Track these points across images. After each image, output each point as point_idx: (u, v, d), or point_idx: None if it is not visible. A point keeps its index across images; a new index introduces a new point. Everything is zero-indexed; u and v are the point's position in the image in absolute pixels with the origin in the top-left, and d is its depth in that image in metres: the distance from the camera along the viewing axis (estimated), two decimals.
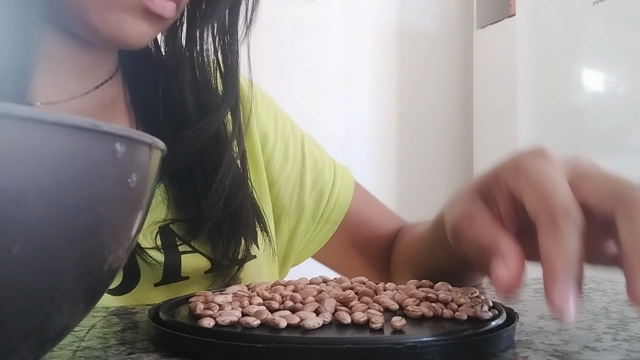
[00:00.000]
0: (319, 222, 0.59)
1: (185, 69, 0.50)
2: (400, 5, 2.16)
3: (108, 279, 0.21)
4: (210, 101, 0.51)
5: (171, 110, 0.50)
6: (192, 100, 0.50)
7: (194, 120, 0.49)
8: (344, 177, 0.61)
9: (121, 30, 0.41)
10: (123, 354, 0.27)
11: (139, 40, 0.43)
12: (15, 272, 0.16)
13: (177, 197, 0.48)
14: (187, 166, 0.48)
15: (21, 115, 0.15)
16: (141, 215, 0.21)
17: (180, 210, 0.48)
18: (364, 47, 2.10)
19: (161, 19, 0.43)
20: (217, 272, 0.47)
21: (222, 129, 0.51)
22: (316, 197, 0.58)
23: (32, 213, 0.16)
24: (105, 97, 0.49)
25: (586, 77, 1.64)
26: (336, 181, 0.60)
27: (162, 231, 0.46)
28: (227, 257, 0.48)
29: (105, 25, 0.41)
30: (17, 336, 0.18)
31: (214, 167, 0.49)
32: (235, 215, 0.49)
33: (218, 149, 0.49)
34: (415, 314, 0.29)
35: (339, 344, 0.24)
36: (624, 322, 0.34)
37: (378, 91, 2.12)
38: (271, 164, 0.57)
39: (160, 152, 0.22)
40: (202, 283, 0.46)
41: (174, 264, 0.45)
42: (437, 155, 2.21)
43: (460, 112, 2.23)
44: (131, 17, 0.41)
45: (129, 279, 0.44)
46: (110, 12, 0.40)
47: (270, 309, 0.29)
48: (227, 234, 0.48)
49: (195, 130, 0.47)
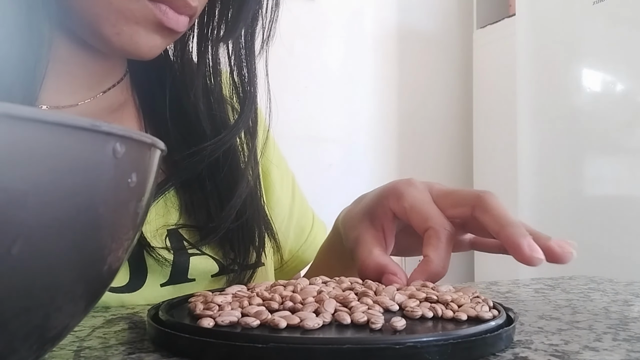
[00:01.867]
0: (293, 258, 0.61)
1: (197, 79, 0.50)
2: (400, 5, 2.16)
3: (108, 279, 0.21)
4: (225, 118, 0.51)
5: (183, 121, 0.50)
6: (205, 113, 0.50)
7: (208, 135, 0.49)
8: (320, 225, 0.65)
9: (134, 43, 0.42)
10: (123, 354, 0.27)
11: (150, 53, 0.43)
12: (15, 272, 0.16)
13: (188, 204, 0.48)
14: (200, 176, 0.48)
15: (21, 115, 0.15)
16: (141, 216, 0.21)
17: (191, 216, 0.48)
18: (364, 47, 2.10)
19: (173, 32, 0.43)
20: (227, 275, 0.48)
21: (238, 144, 0.51)
22: (298, 232, 0.62)
23: (32, 213, 0.16)
24: (114, 102, 0.49)
25: (586, 77, 1.64)
26: (315, 225, 0.64)
27: (171, 235, 0.46)
28: (237, 263, 0.48)
29: (118, 37, 0.41)
30: (17, 336, 0.18)
31: (229, 182, 0.49)
32: (246, 225, 0.49)
33: (233, 164, 0.50)
34: (415, 314, 0.29)
35: (339, 344, 0.24)
36: (624, 322, 0.34)
37: (378, 91, 2.12)
38: (272, 188, 0.59)
39: (160, 152, 0.22)
40: (208, 286, 0.47)
41: (182, 265, 0.46)
42: (437, 155, 2.21)
43: (460, 112, 2.23)
44: (144, 30, 0.41)
45: (136, 277, 0.44)
46: (123, 24, 0.41)
47: (270, 309, 0.29)
48: (237, 242, 0.49)
49: (209, 146, 0.48)
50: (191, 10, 0.43)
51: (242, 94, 0.51)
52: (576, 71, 1.65)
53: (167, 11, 0.41)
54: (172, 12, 0.42)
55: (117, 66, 0.50)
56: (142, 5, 0.40)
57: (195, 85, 0.49)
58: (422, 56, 2.19)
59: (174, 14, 0.42)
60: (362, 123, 2.08)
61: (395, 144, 2.14)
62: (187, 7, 0.42)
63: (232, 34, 0.49)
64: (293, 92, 1.89)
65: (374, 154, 2.10)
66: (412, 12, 2.18)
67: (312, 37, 1.97)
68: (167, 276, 0.45)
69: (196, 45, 0.51)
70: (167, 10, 0.41)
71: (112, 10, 0.40)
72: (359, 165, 2.07)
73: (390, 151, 2.13)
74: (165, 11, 0.41)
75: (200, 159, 0.47)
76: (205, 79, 0.51)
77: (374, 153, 2.10)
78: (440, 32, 2.23)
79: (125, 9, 0.40)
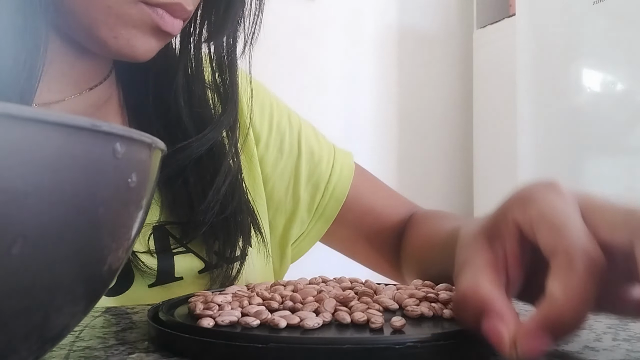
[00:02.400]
0: (314, 216, 0.59)
1: (178, 75, 0.50)
2: (400, 5, 2.16)
3: (108, 279, 0.21)
4: (207, 114, 0.51)
5: (166, 117, 0.50)
6: (187, 109, 0.50)
7: (190, 132, 0.49)
8: (343, 167, 0.60)
9: (130, 46, 0.42)
10: (123, 354, 0.27)
11: (146, 55, 0.44)
12: (15, 272, 0.16)
13: (170, 200, 0.48)
14: (182, 172, 0.48)
15: (21, 115, 0.15)
16: (141, 215, 0.21)
17: (173, 213, 0.48)
18: (364, 47, 2.10)
19: (168, 35, 0.44)
20: (211, 271, 0.48)
21: (220, 140, 0.51)
22: (311, 190, 0.58)
23: (32, 213, 0.16)
24: (99, 98, 0.50)
25: (586, 77, 1.64)
26: (333, 173, 0.59)
27: (155, 232, 0.46)
28: (222, 258, 0.48)
29: (115, 40, 0.42)
30: (17, 336, 0.18)
31: (210, 175, 0.49)
32: (231, 219, 0.49)
33: (215, 157, 0.50)
34: (415, 314, 0.29)
35: (339, 344, 0.24)
36: (624, 322, 0.34)
37: (378, 91, 2.12)
38: (265, 158, 0.57)
39: (161, 152, 0.22)
40: (196, 282, 0.47)
41: (167, 268, 0.46)
42: (437, 155, 2.21)
43: (460, 112, 2.23)
44: (141, 34, 0.42)
45: (122, 280, 0.44)
46: (121, 28, 0.41)
47: (269, 309, 0.29)
48: (221, 236, 0.49)
49: (191, 143, 0.48)
50: (187, 14, 0.43)
51: (224, 94, 0.51)
52: (576, 71, 1.65)
53: (164, 15, 0.42)
54: (168, 16, 0.42)
55: (104, 64, 0.50)
56: (140, 10, 0.41)
57: (176, 81, 0.50)
58: (422, 56, 2.19)
59: (170, 18, 0.42)
60: (362, 123, 2.08)
61: (395, 143, 2.14)
62: (183, 11, 0.43)
63: (216, 36, 0.50)
64: (293, 92, 1.89)
65: (374, 154, 2.10)
66: (412, 12, 2.18)
67: (312, 37, 1.97)
68: (153, 278, 0.45)
69: (179, 44, 0.51)
70: (164, 15, 0.42)
71: (111, 14, 0.40)
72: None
73: (390, 151, 2.13)
74: (162, 15, 0.42)
75: (185, 156, 0.47)
76: (186, 75, 0.51)
77: (374, 153, 2.10)
78: (440, 32, 2.23)
79: (124, 13, 0.41)
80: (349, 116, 2.06)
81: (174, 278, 0.46)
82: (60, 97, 0.47)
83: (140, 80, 0.51)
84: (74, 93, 0.48)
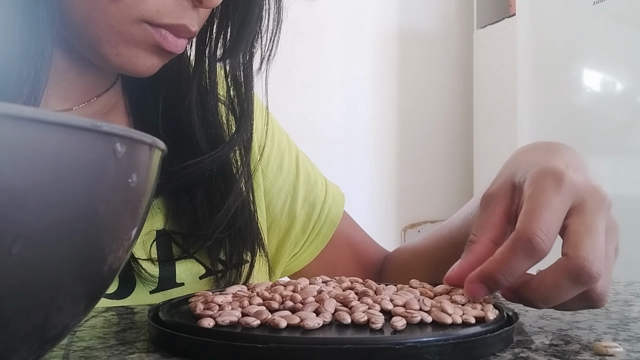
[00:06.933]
0: (310, 235, 0.59)
1: (192, 90, 0.50)
2: (400, 5, 2.16)
3: (108, 279, 0.21)
4: (219, 131, 0.51)
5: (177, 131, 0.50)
6: (199, 125, 0.49)
7: (201, 147, 0.49)
8: (335, 194, 0.61)
9: (132, 63, 0.42)
10: (123, 354, 0.27)
11: (148, 72, 0.43)
12: (15, 272, 0.16)
13: (175, 211, 0.48)
14: (189, 185, 0.48)
15: (21, 115, 0.15)
16: (142, 216, 0.21)
17: (176, 222, 0.48)
18: (364, 47, 2.09)
19: (172, 54, 0.43)
20: (213, 277, 0.48)
21: (232, 156, 0.51)
22: (308, 209, 0.59)
23: (32, 213, 0.16)
24: (105, 105, 0.50)
25: (586, 77, 1.64)
26: (327, 196, 0.60)
27: (158, 240, 0.47)
28: (225, 265, 0.48)
29: (117, 57, 0.41)
30: (17, 336, 0.18)
31: (220, 191, 0.49)
32: (236, 236, 0.49)
33: (225, 175, 0.50)
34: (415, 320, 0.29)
35: (339, 344, 0.24)
36: (624, 322, 0.34)
37: (378, 91, 2.11)
38: (266, 171, 0.57)
39: (161, 152, 0.22)
40: (197, 288, 0.47)
41: (169, 275, 0.46)
42: (437, 155, 2.21)
43: (460, 112, 2.23)
44: (143, 52, 0.42)
45: (124, 286, 0.44)
46: (123, 46, 0.41)
47: (270, 309, 0.29)
48: (226, 251, 0.49)
49: (205, 159, 0.48)
50: (191, 34, 0.43)
51: (239, 111, 0.51)
52: (576, 71, 1.65)
53: (168, 36, 0.42)
54: (172, 37, 0.42)
55: (111, 72, 0.50)
56: (143, 30, 0.41)
57: (190, 96, 0.49)
58: (422, 56, 2.19)
59: (173, 38, 0.42)
60: (362, 123, 2.08)
61: (395, 144, 2.14)
62: (187, 32, 0.42)
63: (232, 54, 0.49)
64: (293, 92, 1.89)
65: (374, 154, 2.10)
66: (412, 12, 2.18)
67: (312, 37, 1.97)
68: (155, 285, 0.45)
69: (194, 59, 0.51)
70: (168, 35, 0.42)
71: (113, 32, 0.40)
72: (359, 165, 2.07)
73: (390, 151, 2.13)
74: (166, 35, 0.41)
75: (195, 172, 0.47)
76: (200, 91, 0.51)
77: (374, 153, 2.10)
78: (440, 32, 2.23)
79: (126, 32, 0.40)
80: (349, 116, 2.06)
81: (176, 284, 0.46)
82: (68, 104, 0.47)
83: (149, 90, 0.51)
84: (82, 102, 0.48)
